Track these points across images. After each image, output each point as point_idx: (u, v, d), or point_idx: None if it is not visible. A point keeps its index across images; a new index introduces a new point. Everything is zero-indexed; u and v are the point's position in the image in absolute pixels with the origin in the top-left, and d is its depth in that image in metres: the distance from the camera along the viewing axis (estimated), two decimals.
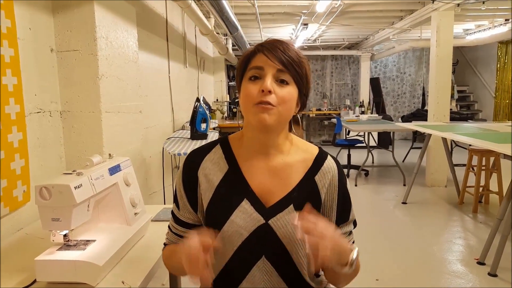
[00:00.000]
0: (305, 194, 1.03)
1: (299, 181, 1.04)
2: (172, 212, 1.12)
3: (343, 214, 1.07)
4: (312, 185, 1.04)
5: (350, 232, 1.11)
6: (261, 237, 0.99)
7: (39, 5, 1.74)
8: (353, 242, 1.10)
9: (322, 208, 1.05)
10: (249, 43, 6.87)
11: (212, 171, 1.04)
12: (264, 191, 1.02)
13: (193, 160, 1.07)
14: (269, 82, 0.94)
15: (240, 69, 1.03)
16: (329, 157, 1.09)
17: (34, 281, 1.11)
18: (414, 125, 4.76)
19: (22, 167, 1.56)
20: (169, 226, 1.14)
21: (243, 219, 0.99)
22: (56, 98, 1.85)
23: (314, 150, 1.10)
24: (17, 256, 1.32)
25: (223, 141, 1.10)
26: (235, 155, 1.06)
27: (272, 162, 1.04)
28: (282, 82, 0.97)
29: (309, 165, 1.06)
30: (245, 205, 1.00)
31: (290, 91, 0.97)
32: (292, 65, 0.97)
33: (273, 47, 0.97)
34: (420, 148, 5.33)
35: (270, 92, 0.94)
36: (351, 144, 6.38)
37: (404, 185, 5.49)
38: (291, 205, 1.01)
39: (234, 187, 1.03)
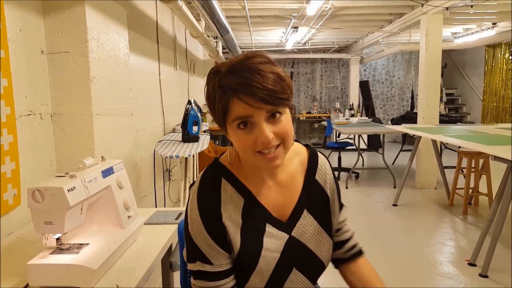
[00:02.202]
0: (312, 195, 1.04)
1: (302, 184, 1.04)
2: (202, 274, 0.96)
3: (340, 202, 1.10)
4: (315, 185, 1.05)
5: None
6: (290, 252, 0.99)
7: (29, 6, 1.72)
8: None
9: (330, 201, 1.07)
10: (239, 46, 6.88)
11: (233, 211, 0.97)
12: (278, 207, 1.01)
13: (213, 209, 0.95)
14: (266, 131, 0.85)
15: (221, 115, 0.88)
16: (319, 154, 1.10)
17: (27, 285, 1.09)
18: (404, 128, 4.80)
19: (13, 170, 1.53)
20: None
21: (272, 243, 0.98)
22: (46, 100, 1.83)
23: (303, 150, 1.09)
24: (8, 261, 1.30)
25: (224, 172, 1.00)
26: (243, 183, 1.00)
27: (277, 176, 1.02)
28: (274, 116, 0.87)
29: (305, 167, 1.06)
30: (269, 229, 0.98)
31: (286, 119, 0.89)
32: (277, 98, 0.85)
33: (249, 89, 0.82)
34: (409, 150, 5.37)
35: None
36: (341, 147, 6.41)
37: (395, 187, 5.52)
38: (304, 210, 1.02)
39: (255, 217, 0.98)
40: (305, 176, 1.05)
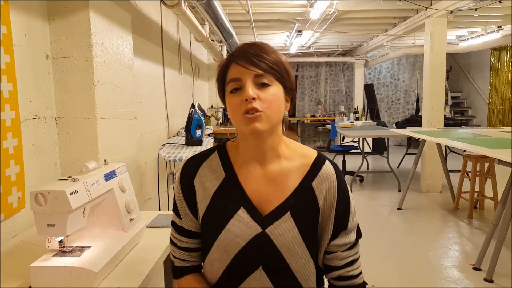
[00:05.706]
0: (302, 201, 0.99)
1: (295, 187, 1.00)
2: (174, 224, 1.09)
3: (341, 222, 1.02)
4: (309, 192, 1.00)
5: (354, 245, 1.05)
6: (259, 247, 0.96)
7: (35, 11, 1.74)
8: (359, 258, 1.06)
9: (321, 215, 1.01)
10: None
11: (209, 178, 1.03)
12: (261, 199, 0.99)
13: (190, 168, 1.05)
14: (250, 90, 0.92)
15: (220, 82, 1.00)
16: (327, 162, 1.04)
17: (29, 287, 1.10)
18: (408, 131, 4.78)
19: (17, 173, 1.55)
20: (172, 242, 1.10)
21: (240, 227, 0.97)
22: (51, 104, 1.85)
23: (312, 154, 1.05)
24: (11, 263, 1.31)
25: (221, 148, 1.08)
26: (232, 162, 1.04)
27: (268, 168, 1.01)
28: (263, 86, 0.94)
29: (306, 171, 1.02)
30: (242, 213, 0.98)
31: (274, 91, 0.95)
32: (268, 66, 0.94)
33: (244, 54, 0.95)
34: (414, 154, 5.35)
35: (254, 99, 0.92)
36: (346, 150, 6.40)
37: (399, 191, 5.50)
38: (288, 213, 0.97)
39: (231, 195, 1.00)
40: (302, 180, 1.01)
